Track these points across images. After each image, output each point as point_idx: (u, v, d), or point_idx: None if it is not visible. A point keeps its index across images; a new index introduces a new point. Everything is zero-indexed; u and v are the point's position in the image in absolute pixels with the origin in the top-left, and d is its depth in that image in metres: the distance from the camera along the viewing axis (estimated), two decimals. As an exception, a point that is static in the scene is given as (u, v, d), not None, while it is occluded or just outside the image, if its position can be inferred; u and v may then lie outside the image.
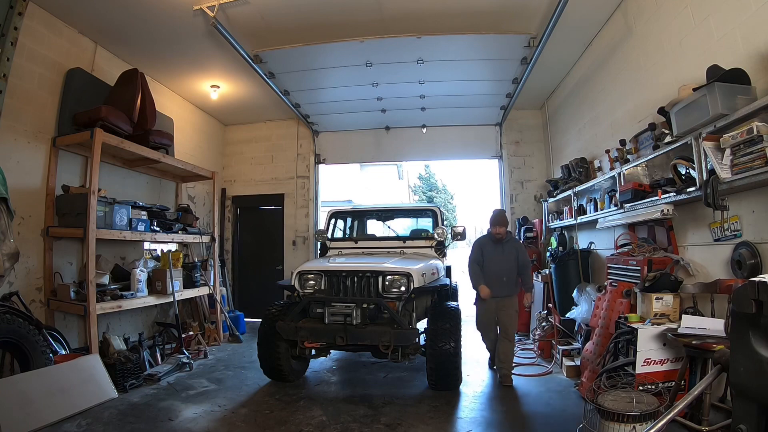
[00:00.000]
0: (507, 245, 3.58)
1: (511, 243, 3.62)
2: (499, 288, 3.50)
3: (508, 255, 3.55)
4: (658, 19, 2.93)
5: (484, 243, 3.65)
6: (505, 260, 3.54)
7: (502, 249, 3.57)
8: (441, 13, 3.59)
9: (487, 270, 3.55)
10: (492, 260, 3.55)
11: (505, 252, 3.56)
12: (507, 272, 3.53)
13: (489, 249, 3.59)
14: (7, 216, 2.46)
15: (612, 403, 1.83)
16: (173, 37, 3.89)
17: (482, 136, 6.10)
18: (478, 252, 3.61)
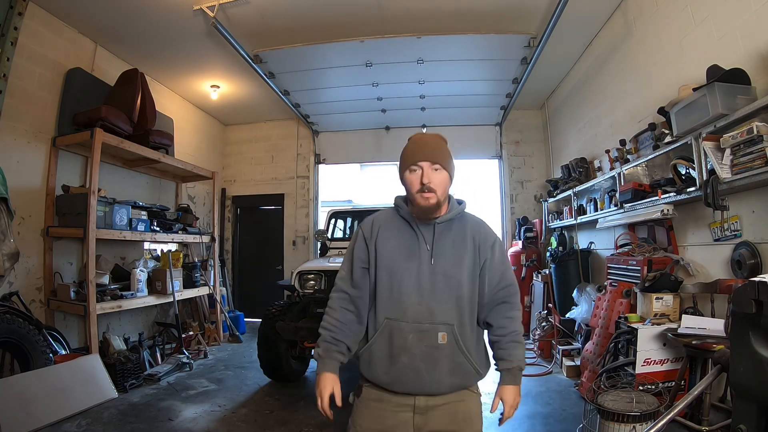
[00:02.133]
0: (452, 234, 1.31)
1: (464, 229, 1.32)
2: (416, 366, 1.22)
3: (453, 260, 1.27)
4: (658, 19, 2.93)
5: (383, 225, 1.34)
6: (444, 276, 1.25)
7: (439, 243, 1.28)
8: (441, 13, 3.59)
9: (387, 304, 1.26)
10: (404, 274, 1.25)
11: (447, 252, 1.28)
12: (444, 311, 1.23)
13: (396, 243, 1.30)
14: (7, 216, 2.46)
15: (612, 403, 1.83)
16: (173, 37, 3.89)
17: (482, 136, 6.09)
18: (362, 250, 1.33)
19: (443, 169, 1.26)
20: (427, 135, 1.32)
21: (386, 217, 1.35)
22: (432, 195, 1.22)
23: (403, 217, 1.31)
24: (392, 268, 1.24)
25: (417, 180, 1.23)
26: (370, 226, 1.33)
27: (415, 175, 1.24)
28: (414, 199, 1.25)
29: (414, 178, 1.24)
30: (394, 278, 1.23)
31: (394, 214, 1.35)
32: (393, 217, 1.34)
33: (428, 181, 1.21)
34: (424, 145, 1.27)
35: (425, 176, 1.22)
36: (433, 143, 1.28)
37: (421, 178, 1.22)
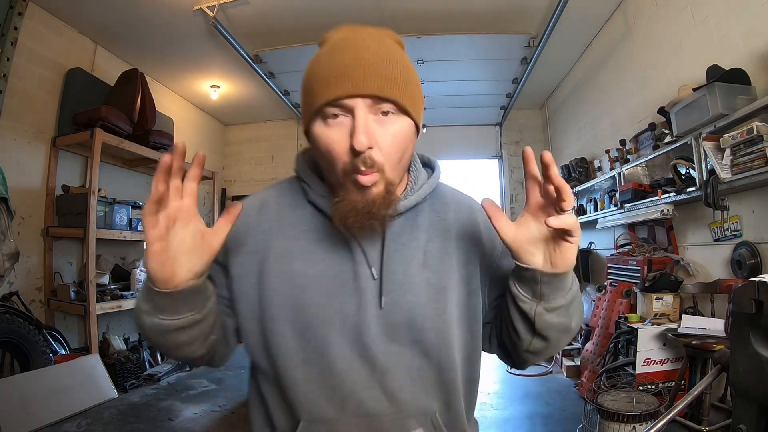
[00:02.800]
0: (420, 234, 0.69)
1: (445, 221, 0.72)
2: None
3: (426, 291, 0.66)
4: (658, 19, 2.93)
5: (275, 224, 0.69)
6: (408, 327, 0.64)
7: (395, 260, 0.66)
8: (441, 13, 3.59)
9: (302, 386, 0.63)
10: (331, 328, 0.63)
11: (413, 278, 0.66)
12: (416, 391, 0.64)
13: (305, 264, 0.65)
14: (7, 216, 2.46)
15: (612, 403, 1.84)
16: (173, 37, 3.89)
17: (482, 136, 6.09)
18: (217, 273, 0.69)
19: (400, 111, 0.61)
20: (362, 31, 0.65)
21: (280, 207, 0.70)
22: (374, 176, 0.59)
23: (315, 205, 0.68)
24: (301, 321, 0.63)
25: (341, 142, 0.59)
26: (243, 230, 0.67)
27: (335, 130, 0.60)
28: (340, 186, 0.62)
29: (335, 136, 0.60)
30: (311, 341, 0.63)
31: (296, 200, 0.70)
32: (293, 208, 0.70)
33: (367, 144, 0.57)
34: (357, 58, 0.59)
35: (361, 132, 0.57)
36: (376, 53, 0.60)
37: (351, 137, 0.58)
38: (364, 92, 0.58)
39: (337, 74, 0.59)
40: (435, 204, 0.74)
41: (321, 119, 0.61)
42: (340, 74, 0.58)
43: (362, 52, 0.60)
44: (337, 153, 0.60)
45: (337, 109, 0.59)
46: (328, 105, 0.59)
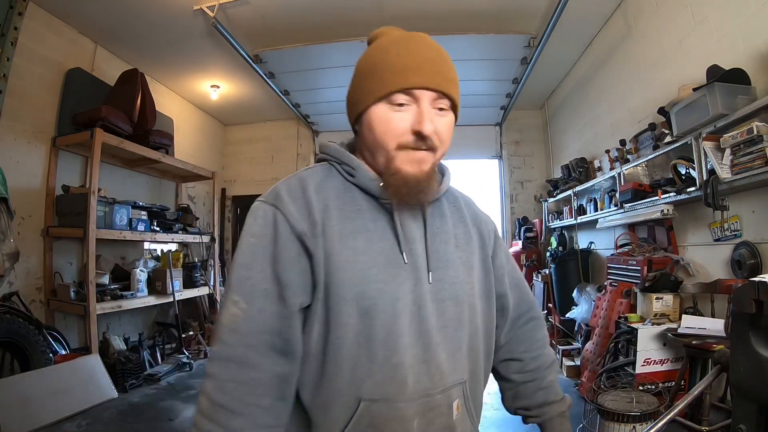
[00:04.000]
0: (448, 221, 0.77)
1: (460, 211, 0.82)
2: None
3: (461, 268, 0.74)
4: (658, 19, 2.93)
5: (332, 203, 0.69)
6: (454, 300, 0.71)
7: (437, 241, 0.73)
8: (441, 13, 3.59)
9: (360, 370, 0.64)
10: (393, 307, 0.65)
11: (450, 256, 0.73)
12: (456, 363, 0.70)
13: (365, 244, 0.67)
14: (7, 216, 2.46)
15: (612, 403, 1.84)
16: (173, 37, 3.89)
17: (482, 136, 6.09)
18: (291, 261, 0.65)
19: (451, 108, 0.70)
20: (423, 37, 0.70)
21: (332, 187, 0.70)
22: (430, 155, 0.68)
23: (363, 189, 0.70)
24: (368, 298, 0.63)
25: (405, 124, 0.65)
26: (304, 205, 0.66)
27: (400, 114, 0.66)
28: (392, 160, 0.66)
29: (399, 119, 0.65)
30: (376, 318, 0.63)
31: (343, 182, 0.71)
32: (344, 188, 0.70)
33: (433, 130, 0.65)
34: (426, 56, 0.67)
35: (427, 120, 0.65)
36: (438, 53, 0.69)
37: (417, 122, 0.65)
38: (433, 86, 0.66)
39: (412, 66, 0.66)
40: (449, 198, 0.83)
41: (386, 104, 0.67)
42: (415, 67, 0.66)
43: (430, 52, 0.69)
44: (397, 132, 0.67)
45: (405, 97, 0.66)
46: (399, 92, 0.66)
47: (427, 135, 0.65)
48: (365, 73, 0.70)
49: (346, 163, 0.73)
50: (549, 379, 0.85)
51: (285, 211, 0.66)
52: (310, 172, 0.73)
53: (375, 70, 0.68)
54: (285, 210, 0.66)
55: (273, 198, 0.69)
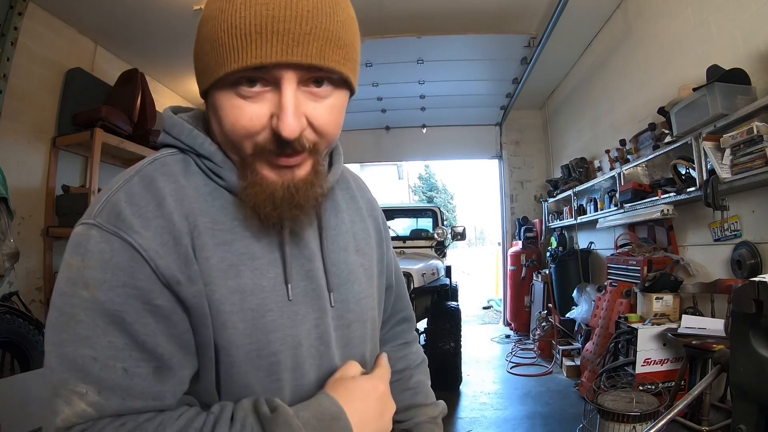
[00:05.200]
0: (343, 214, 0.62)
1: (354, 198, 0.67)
2: None
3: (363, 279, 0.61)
4: (658, 19, 2.93)
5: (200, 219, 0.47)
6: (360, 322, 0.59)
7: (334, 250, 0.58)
8: (441, 13, 3.59)
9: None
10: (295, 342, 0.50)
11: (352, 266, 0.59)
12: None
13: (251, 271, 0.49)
14: (7, 216, 2.46)
15: (612, 403, 1.84)
16: (173, 37, 3.89)
17: (482, 136, 6.09)
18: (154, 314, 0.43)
19: (338, 84, 0.49)
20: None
21: (194, 192, 0.48)
22: (301, 157, 0.48)
23: (230, 190, 0.51)
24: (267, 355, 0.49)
25: (260, 120, 0.46)
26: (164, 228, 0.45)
27: (253, 104, 0.45)
28: (249, 165, 0.48)
29: (251, 112, 0.45)
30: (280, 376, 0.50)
31: (205, 180, 0.51)
32: (209, 192, 0.50)
33: (299, 130, 0.45)
34: (288, 8, 0.41)
35: (292, 116, 0.44)
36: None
37: (276, 117, 0.45)
38: (298, 60, 0.42)
39: (262, 28, 0.41)
40: (341, 184, 0.65)
41: (230, 86, 0.45)
42: (267, 29, 0.41)
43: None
44: (250, 130, 0.45)
45: (255, 75, 0.44)
46: (244, 71, 0.43)
47: (287, 138, 0.44)
48: (204, 33, 0.46)
49: (205, 156, 0.50)
50: (416, 379, 0.72)
51: (138, 245, 0.43)
52: (159, 167, 0.48)
53: (213, 30, 0.44)
54: (138, 242, 0.43)
55: (110, 217, 0.44)
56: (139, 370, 0.43)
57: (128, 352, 0.42)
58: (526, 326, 4.93)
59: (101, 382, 0.41)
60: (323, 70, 0.45)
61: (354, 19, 0.48)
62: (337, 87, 0.48)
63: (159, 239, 0.44)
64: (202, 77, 0.48)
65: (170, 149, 0.52)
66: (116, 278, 0.42)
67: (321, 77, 0.46)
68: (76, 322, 0.42)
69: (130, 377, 0.42)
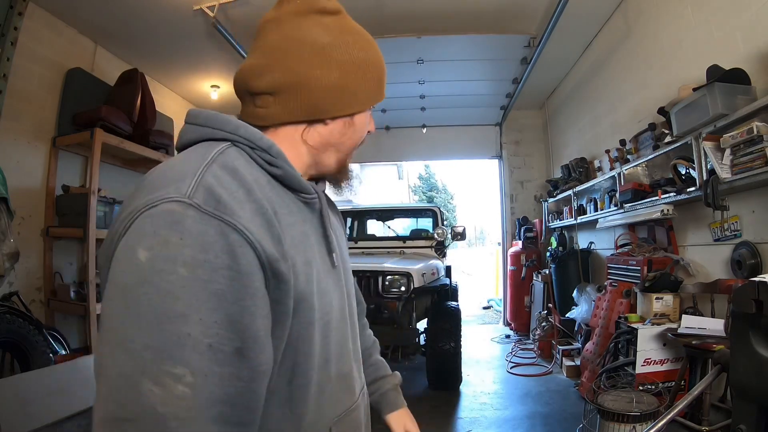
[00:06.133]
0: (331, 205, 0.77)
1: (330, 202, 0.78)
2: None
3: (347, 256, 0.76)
4: (658, 19, 2.93)
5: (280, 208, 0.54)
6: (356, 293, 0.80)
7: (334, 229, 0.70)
8: (441, 13, 3.59)
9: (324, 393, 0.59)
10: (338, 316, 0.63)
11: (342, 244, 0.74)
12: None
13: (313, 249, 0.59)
14: (7, 216, 2.46)
15: (612, 403, 1.84)
16: (173, 37, 3.89)
17: (482, 136, 6.10)
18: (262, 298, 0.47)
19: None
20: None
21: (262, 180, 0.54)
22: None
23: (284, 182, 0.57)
24: (326, 314, 0.58)
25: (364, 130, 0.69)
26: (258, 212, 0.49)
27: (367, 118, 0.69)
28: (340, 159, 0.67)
29: (366, 122, 0.69)
30: (330, 335, 0.59)
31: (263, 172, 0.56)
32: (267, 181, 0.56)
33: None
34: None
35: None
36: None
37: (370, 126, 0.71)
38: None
39: (384, 75, 0.70)
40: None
41: (369, 110, 0.69)
42: (384, 76, 0.71)
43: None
44: (358, 137, 0.69)
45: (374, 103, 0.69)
46: (377, 99, 0.68)
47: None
48: (364, 68, 0.64)
49: (263, 149, 0.56)
50: (375, 357, 0.89)
51: (243, 227, 0.46)
52: (232, 157, 0.53)
53: (373, 70, 0.66)
54: (242, 224, 0.46)
55: (208, 199, 0.45)
56: (223, 348, 0.43)
57: (216, 329, 0.43)
58: (526, 326, 4.93)
59: (193, 361, 0.41)
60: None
61: None
62: None
63: (257, 221, 0.48)
64: (359, 101, 0.64)
65: (225, 144, 0.55)
66: (219, 260, 0.43)
67: None
68: (168, 298, 0.41)
69: (213, 353, 0.42)
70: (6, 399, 2.40)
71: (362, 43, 0.65)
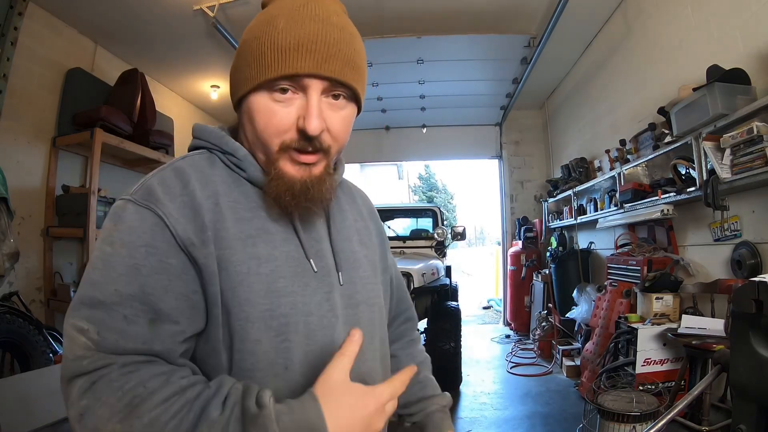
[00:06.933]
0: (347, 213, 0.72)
1: (353, 198, 0.78)
2: None
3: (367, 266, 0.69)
4: (658, 19, 2.93)
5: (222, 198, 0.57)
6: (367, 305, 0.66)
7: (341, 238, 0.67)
8: (441, 13, 3.59)
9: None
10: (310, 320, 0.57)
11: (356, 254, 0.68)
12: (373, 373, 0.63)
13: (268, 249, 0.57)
14: (7, 216, 2.46)
15: (612, 403, 1.84)
16: (173, 37, 3.89)
17: (482, 136, 6.10)
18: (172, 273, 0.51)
19: (350, 99, 0.60)
20: (323, 4, 0.57)
21: (219, 180, 0.59)
22: (317, 156, 0.58)
23: (254, 182, 0.60)
24: (279, 316, 0.55)
25: (289, 119, 0.56)
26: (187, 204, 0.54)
27: (284, 107, 0.56)
28: (274, 161, 0.57)
29: (282, 113, 0.56)
30: (291, 339, 0.55)
31: (230, 174, 0.60)
32: (233, 181, 0.60)
33: (320, 129, 0.56)
34: (321, 32, 0.54)
35: (315, 116, 0.55)
36: (339, 28, 0.56)
37: (303, 118, 0.55)
38: (325, 74, 0.55)
39: (299, 46, 0.53)
40: (344, 190, 0.76)
41: (266, 91, 0.56)
42: (303, 48, 0.53)
43: (328, 26, 0.55)
44: (279, 129, 0.56)
45: (288, 83, 0.55)
46: (282, 78, 0.54)
47: (311, 134, 0.55)
48: (246, 49, 0.57)
49: (230, 152, 0.60)
50: (423, 375, 0.81)
51: (163, 213, 0.52)
52: (189, 162, 0.59)
53: (257, 47, 0.56)
54: (162, 211, 0.52)
55: (144, 195, 0.53)
56: (137, 319, 0.48)
57: (131, 302, 0.48)
58: (526, 326, 4.93)
59: (102, 322, 0.47)
60: (342, 85, 0.57)
61: (364, 51, 0.61)
62: (349, 102, 0.60)
63: (181, 211, 0.53)
64: (241, 85, 0.58)
65: (199, 151, 0.63)
66: (139, 239, 0.51)
67: (338, 93, 0.58)
68: (93, 269, 0.50)
69: (127, 323, 0.48)
70: (6, 399, 2.40)
71: (256, 22, 0.59)
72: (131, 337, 0.48)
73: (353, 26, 0.60)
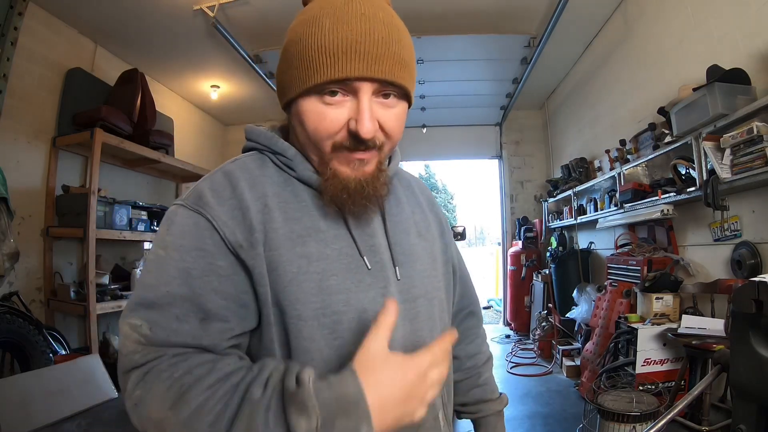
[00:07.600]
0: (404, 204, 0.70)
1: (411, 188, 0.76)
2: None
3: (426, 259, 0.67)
4: (658, 19, 2.93)
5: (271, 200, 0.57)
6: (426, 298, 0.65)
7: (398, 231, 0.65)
8: (441, 13, 3.59)
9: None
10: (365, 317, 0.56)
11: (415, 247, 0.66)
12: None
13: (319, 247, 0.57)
14: (7, 216, 2.47)
15: (612, 403, 1.84)
16: (173, 37, 3.89)
17: (482, 136, 6.10)
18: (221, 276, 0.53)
19: (401, 97, 0.59)
20: (368, 2, 0.55)
21: (269, 181, 0.60)
22: (373, 154, 0.58)
23: (304, 181, 0.61)
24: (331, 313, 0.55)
25: (340, 122, 0.55)
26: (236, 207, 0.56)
27: (334, 109, 0.55)
28: (327, 162, 0.57)
29: (333, 115, 0.55)
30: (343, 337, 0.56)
31: (280, 173, 0.61)
32: (283, 181, 0.60)
33: (374, 131, 0.55)
34: (369, 32, 0.53)
35: (368, 119, 0.54)
36: (387, 26, 0.54)
37: (354, 120, 0.54)
38: (375, 76, 0.53)
39: (347, 49, 0.52)
40: (401, 181, 0.75)
41: (315, 94, 0.55)
42: (351, 49, 0.52)
43: (375, 24, 0.53)
44: (330, 131, 0.55)
45: (338, 86, 0.54)
46: (334, 79, 0.53)
47: (364, 138, 0.54)
48: (292, 51, 0.56)
49: (280, 152, 0.62)
50: (485, 377, 0.81)
51: (212, 217, 0.54)
52: (239, 164, 0.61)
53: (303, 50, 0.54)
54: (211, 215, 0.54)
55: (194, 200, 0.55)
56: (188, 318, 0.51)
57: (182, 302, 0.51)
58: (526, 326, 4.93)
59: (155, 321, 0.50)
60: (393, 85, 0.56)
61: (412, 45, 0.59)
62: (400, 99, 0.59)
63: (230, 214, 0.55)
64: (289, 89, 0.58)
65: (250, 153, 0.64)
66: (190, 243, 0.53)
67: (389, 92, 0.56)
68: (147, 272, 0.54)
69: (179, 322, 0.50)
70: (6, 399, 2.40)
71: (299, 23, 0.57)
72: (182, 333, 0.50)
73: (399, 19, 0.58)
